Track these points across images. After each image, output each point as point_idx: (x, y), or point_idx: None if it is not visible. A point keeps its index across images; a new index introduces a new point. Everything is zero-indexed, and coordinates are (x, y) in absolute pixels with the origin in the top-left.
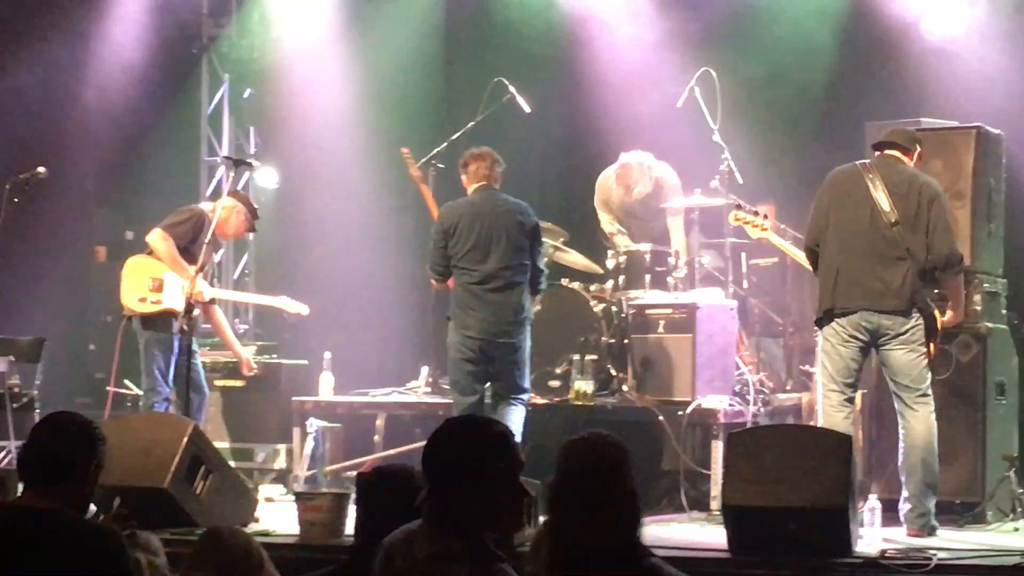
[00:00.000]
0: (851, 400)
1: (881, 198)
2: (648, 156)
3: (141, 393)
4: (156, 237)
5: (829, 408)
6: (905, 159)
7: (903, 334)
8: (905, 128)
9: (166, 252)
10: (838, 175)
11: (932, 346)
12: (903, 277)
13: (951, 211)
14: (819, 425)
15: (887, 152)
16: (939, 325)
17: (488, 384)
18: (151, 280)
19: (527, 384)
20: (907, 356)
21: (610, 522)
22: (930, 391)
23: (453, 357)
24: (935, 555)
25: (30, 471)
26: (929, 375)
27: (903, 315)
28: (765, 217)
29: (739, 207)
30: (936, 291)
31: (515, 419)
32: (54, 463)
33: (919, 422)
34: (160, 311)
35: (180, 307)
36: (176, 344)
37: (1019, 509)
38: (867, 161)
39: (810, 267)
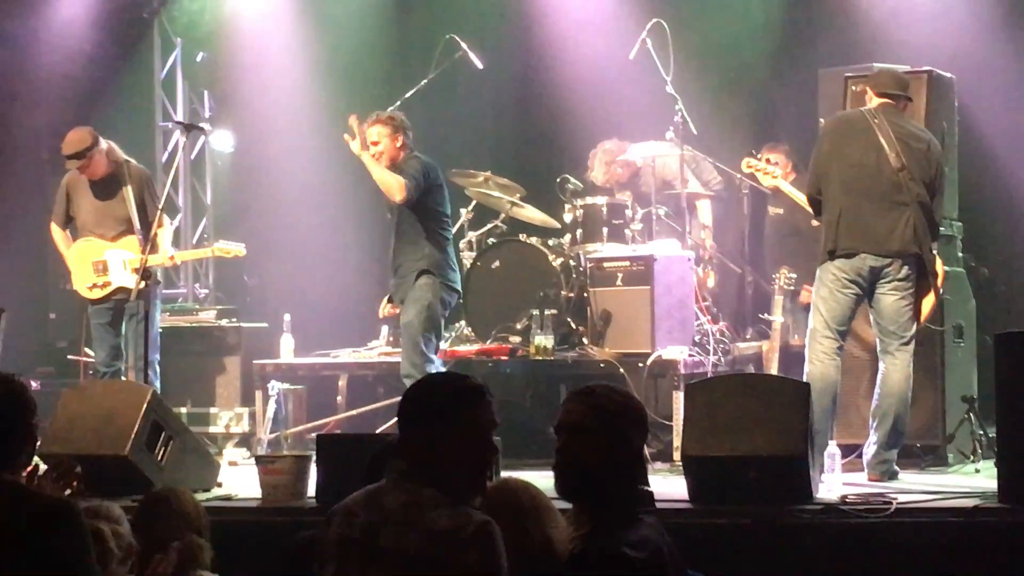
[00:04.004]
0: (841, 348)
1: (887, 144)
2: (613, 144)
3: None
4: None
5: (822, 355)
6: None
7: (900, 279)
8: (898, 74)
9: (54, 240)
10: (840, 120)
11: (935, 296)
12: (906, 222)
13: None
14: (807, 372)
15: (886, 100)
16: (941, 277)
17: None
18: (94, 264)
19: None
20: (898, 302)
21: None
22: (913, 341)
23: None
24: (895, 499)
25: None
26: (915, 325)
27: (903, 260)
28: (776, 165)
29: (751, 155)
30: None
31: None
32: None
33: (897, 371)
34: (112, 292)
35: (129, 283)
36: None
37: (979, 451)
38: (870, 107)
39: (812, 212)
